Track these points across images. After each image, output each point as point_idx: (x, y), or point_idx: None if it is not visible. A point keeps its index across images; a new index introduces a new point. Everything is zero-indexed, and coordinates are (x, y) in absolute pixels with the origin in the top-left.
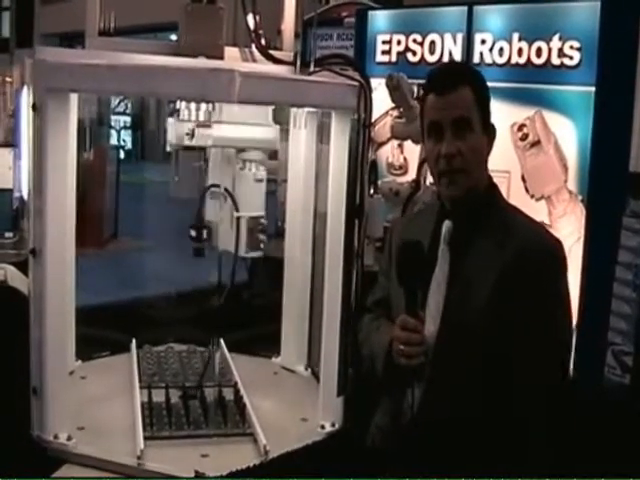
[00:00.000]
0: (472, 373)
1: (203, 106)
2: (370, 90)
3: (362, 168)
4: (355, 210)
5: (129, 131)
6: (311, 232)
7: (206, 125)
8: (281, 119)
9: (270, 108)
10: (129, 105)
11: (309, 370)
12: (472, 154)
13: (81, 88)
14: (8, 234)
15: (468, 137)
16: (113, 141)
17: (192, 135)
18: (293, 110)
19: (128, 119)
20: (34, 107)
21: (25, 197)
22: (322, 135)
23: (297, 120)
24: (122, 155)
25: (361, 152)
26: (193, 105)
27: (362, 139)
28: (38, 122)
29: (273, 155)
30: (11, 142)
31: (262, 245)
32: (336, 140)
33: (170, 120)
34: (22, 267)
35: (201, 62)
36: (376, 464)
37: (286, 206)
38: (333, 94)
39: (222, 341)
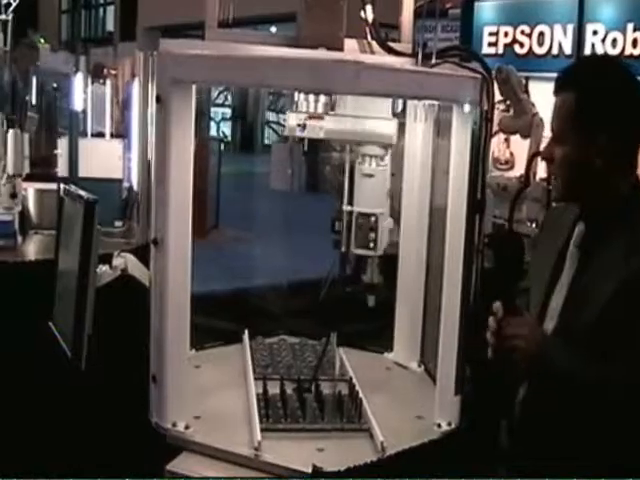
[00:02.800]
0: None
1: (322, 98)
2: (492, 83)
3: (483, 163)
4: (476, 205)
5: (228, 123)
6: (426, 227)
7: (318, 117)
8: None
9: (389, 101)
10: (229, 97)
11: (422, 366)
12: (562, 163)
13: (205, 79)
14: (117, 223)
15: (560, 145)
16: (212, 133)
17: (304, 127)
18: (413, 103)
19: (227, 111)
20: (158, 99)
21: (135, 187)
22: (439, 129)
23: (416, 113)
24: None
25: (483, 146)
26: (312, 97)
27: (484, 133)
28: (162, 113)
29: None
30: (121, 133)
31: (371, 244)
32: (457, 134)
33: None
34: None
35: (322, 54)
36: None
37: (394, 200)
38: (456, 87)
39: (334, 335)
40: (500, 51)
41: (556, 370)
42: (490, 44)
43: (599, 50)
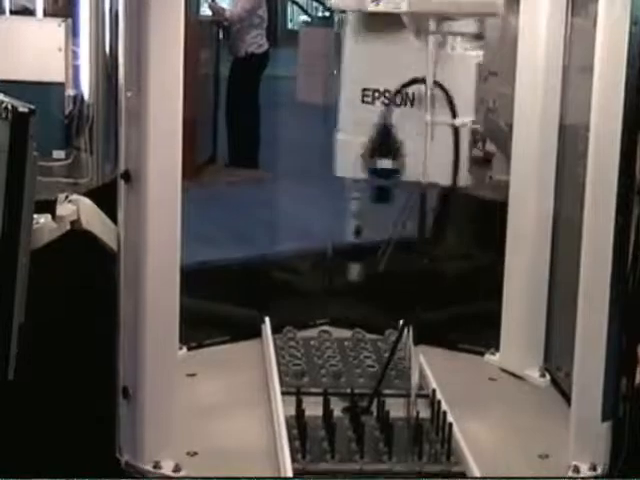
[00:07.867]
0: None
1: None
2: None
3: None
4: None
5: None
6: (554, 160)
7: None
8: None
9: None
10: None
11: (547, 376)
12: None
13: None
14: (58, 153)
15: None
16: (205, 10)
17: None
18: None
19: None
20: None
21: (85, 97)
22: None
23: None
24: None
25: None
26: None
27: None
28: None
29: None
30: (62, 10)
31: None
32: (607, 6)
33: None
34: None
35: None
36: None
37: (496, 115)
38: None
39: (407, 326)
40: None
41: None
42: None
43: None
